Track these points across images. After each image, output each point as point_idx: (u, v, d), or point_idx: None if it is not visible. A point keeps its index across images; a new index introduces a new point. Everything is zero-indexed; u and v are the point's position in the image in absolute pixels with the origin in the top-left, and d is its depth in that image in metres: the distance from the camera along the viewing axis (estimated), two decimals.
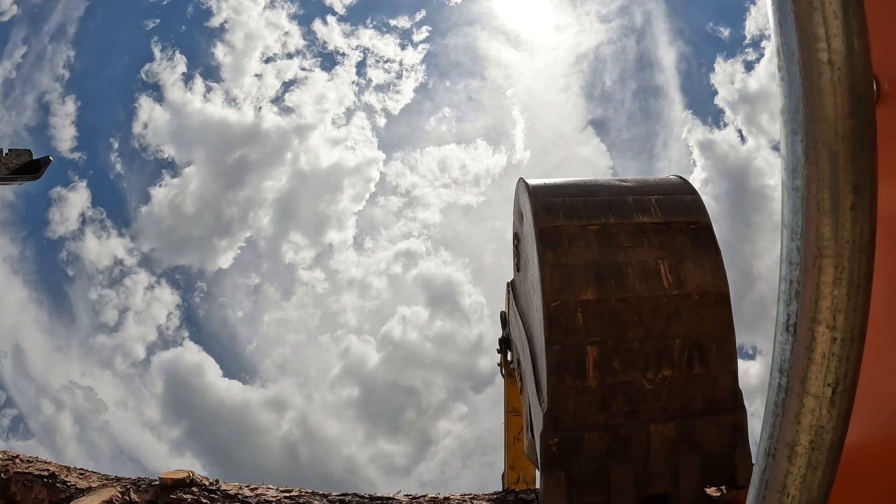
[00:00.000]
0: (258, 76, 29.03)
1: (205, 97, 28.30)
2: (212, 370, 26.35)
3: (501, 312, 5.44)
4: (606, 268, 3.24)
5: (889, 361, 1.12)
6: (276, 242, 29.51)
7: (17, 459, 4.14)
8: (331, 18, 29.51)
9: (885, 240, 0.96)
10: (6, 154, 4.00)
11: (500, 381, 6.64)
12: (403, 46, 30.22)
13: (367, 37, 29.95)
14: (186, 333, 26.75)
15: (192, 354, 26.46)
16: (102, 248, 26.67)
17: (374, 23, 30.15)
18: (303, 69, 29.39)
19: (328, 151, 29.99)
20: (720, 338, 3.23)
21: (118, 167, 27.39)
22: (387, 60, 30.13)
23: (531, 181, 3.64)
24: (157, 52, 27.41)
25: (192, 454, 25.33)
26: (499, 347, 5.72)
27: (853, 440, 0.90)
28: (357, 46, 29.91)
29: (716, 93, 27.68)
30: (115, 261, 26.51)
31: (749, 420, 3.21)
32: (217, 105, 28.53)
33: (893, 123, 1.08)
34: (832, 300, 0.79)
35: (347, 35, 29.73)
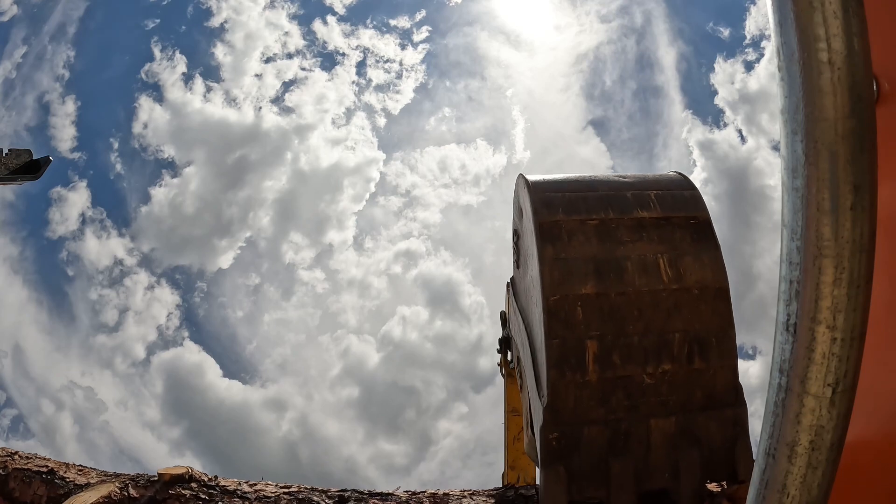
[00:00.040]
0: (258, 76, 29.05)
1: (205, 97, 28.29)
2: (212, 370, 26.44)
3: (501, 312, 5.44)
4: (606, 262, 3.24)
5: (889, 361, 1.12)
6: (276, 242, 29.55)
7: (16, 456, 4.14)
8: (331, 18, 29.50)
9: (885, 240, 0.96)
10: (6, 154, 3.99)
11: (500, 381, 6.63)
12: (403, 46, 30.21)
13: (367, 37, 29.93)
14: (186, 333, 26.85)
15: (192, 354, 26.56)
16: (102, 248, 26.73)
17: (374, 23, 30.14)
18: (303, 69, 29.39)
19: (328, 151, 30.02)
20: (720, 332, 3.23)
21: (118, 167, 27.43)
22: (387, 60, 30.10)
23: (530, 177, 3.63)
24: (157, 52, 27.42)
25: (192, 454, 25.45)
26: (499, 347, 5.72)
27: (853, 440, 0.90)
28: (357, 46, 29.90)
29: (716, 93, 27.73)
30: (115, 261, 26.58)
31: (749, 419, 3.22)
32: (217, 105, 28.52)
33: (893, 123, 1.08)
34: (832, 300, 0.79)
35: (347, 35, 29.71)
